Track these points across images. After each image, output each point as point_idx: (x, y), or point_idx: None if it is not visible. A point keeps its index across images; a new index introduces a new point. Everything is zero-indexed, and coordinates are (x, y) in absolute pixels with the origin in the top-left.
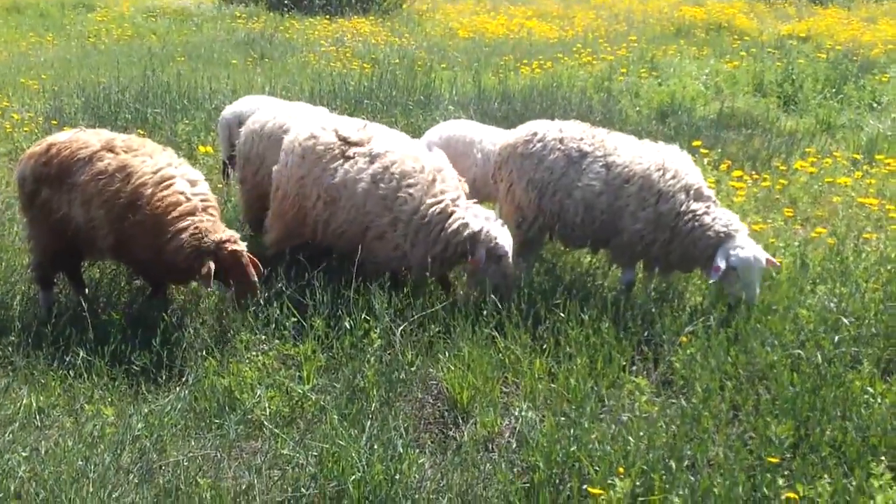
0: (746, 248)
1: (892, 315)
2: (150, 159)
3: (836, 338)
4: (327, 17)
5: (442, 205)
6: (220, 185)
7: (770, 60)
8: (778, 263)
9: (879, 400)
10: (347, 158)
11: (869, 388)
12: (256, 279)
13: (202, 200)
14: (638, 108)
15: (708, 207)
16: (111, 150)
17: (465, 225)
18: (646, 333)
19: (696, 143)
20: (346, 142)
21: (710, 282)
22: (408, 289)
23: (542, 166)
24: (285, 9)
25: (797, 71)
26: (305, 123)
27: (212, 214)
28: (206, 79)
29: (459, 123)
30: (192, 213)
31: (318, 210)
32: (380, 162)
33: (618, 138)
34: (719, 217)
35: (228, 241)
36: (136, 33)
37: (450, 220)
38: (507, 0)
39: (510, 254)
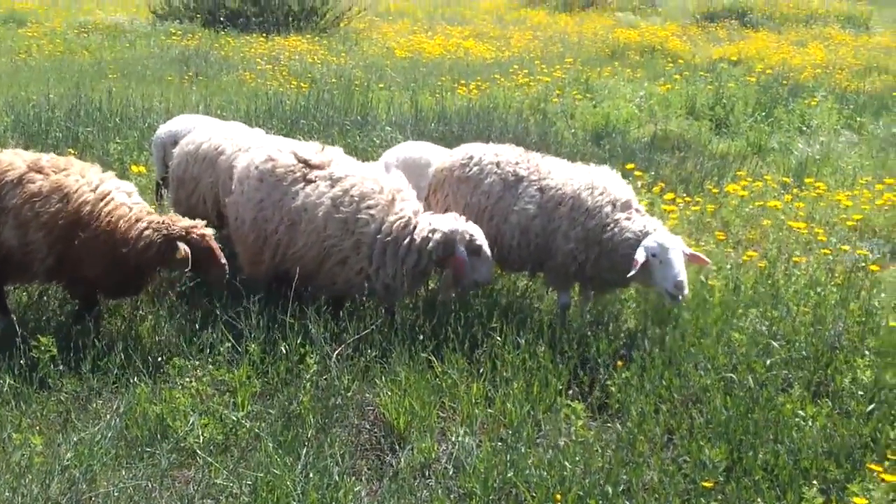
0: (662, 235)
1: (820, 339)
2: (83, 177)
3: (768, 361)
4: (263, 34)
5: (405, 219)
6: (154, 206)
7: (702, 84)
8: (707, 261)
9: (810, 423)
10: (309, 182)
11: (800, 412)
12: (225, 260)
13: (141, 207)
14: (573, 131)
15: (629, 215)
16: (39, 170)
17: (435, 230)
18: (581, 357)
19: (629, 166)
20: (306, 164)
21: (629, 276)
22: (344, 313)
23: (478, 191)
24: (221, 26)
25: (728, 94)
26: (258, 147)
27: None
28: (140, 97)
29: (416, 145)
30: (140, 218)
31: (279, 234)
32: (340, 185)
33: (552, 162)
34: (638, 221)
35: (195, 226)
36: (67, 49)
37: (417, 231)
38: (445, 20)
39: (486, 244)
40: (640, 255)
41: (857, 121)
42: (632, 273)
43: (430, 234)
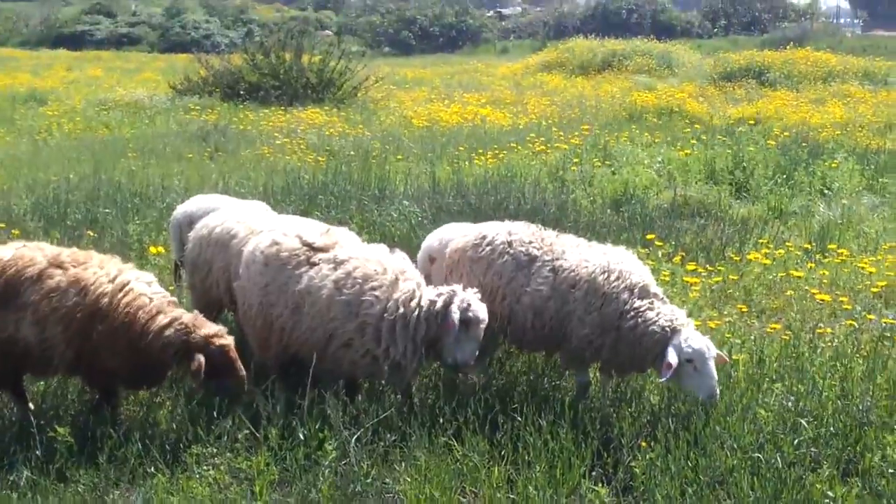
0: (697, 338)
1: (848, 414)
2: (101, 269)
3: (796, 439)
4: (282, 107)
5: (410, 292)
6: (172, 287)
7: (721, 147)
8: (727, 359)
9: (840, 503)
10: (312, 265)
11: (829, 492)
12: (244, 373)
13: (163, 297)
14: (591, 198)
15: (651, 304)
16: (59, 265)
17: (440, 294)
18: (604, 437)
19: (650, 236)
20: (310, 247)
21: (662, 381)
22: (362, 394)
23: (490, 271)
24: (240, 99)
25: (748, 158)
26: (264, 231)
27: (179, 308)
28: (159, 176)
29: (458, 226)
30: (161, 310)
31: (284, 318)
32: (343, 268)
33: (566, 241)
34: (663, 312)
35: (216, 335)
36: (87, 126)
37: (423, 299)
38: (461, 87)
39: (483, 322)
40: (672, 359)
41: (879, 182)
42: (664, 378)
43: (435, 297)
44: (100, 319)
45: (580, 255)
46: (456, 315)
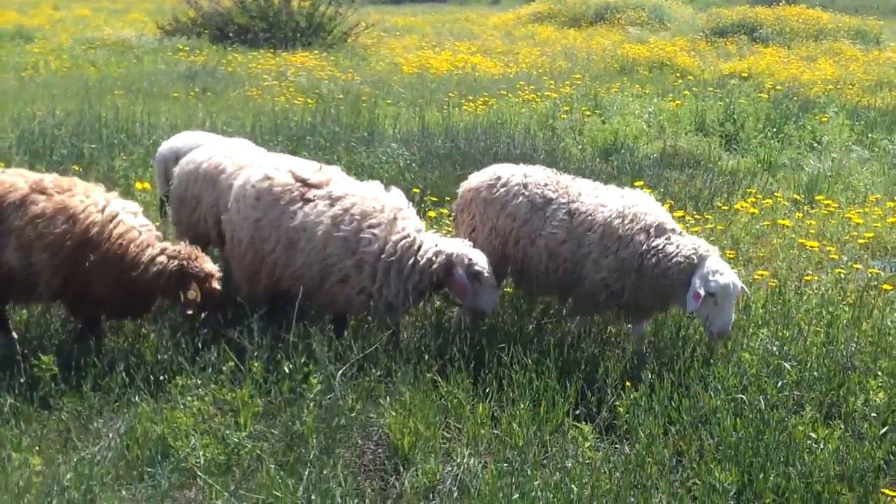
0: (725, 273)
1: (832, 359)
2: (87, 198)
3: (779, 382)
4: (271, 50)
5: (409, 238)
6: (157, 223)
7: (712, 100)
8: (749, 294)
9: (822, 445)
10: (307, 201)
11: (812, 434)
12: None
13: (149, 229)
14: (581, 147)
15: (668, 239)
16: (42, 191)
17: (440, 252)
18: (589, 377)
19: (638, 182)
20: (304, 183)
21: (690, 310)
22: (348, 331)
23: (504, 213)
24: (228, 42)
25: (738, 110)
26: (255, 166)
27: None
28: (146, 113)
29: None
30: (150, 242)
31: (276, 253)
32: (340, 204)
33: (582, 184)
34: (684, 244)
35: (214, 275)
36: (74, 65)
37: (422, 251)
38: (453, 35)
39: (488, 270)
40: (700, 288)
41: (868, 137)
42: (692, 308)
43: (434, 256)
44: (91, 249)
45: (597, 198)
46: (464, 278)
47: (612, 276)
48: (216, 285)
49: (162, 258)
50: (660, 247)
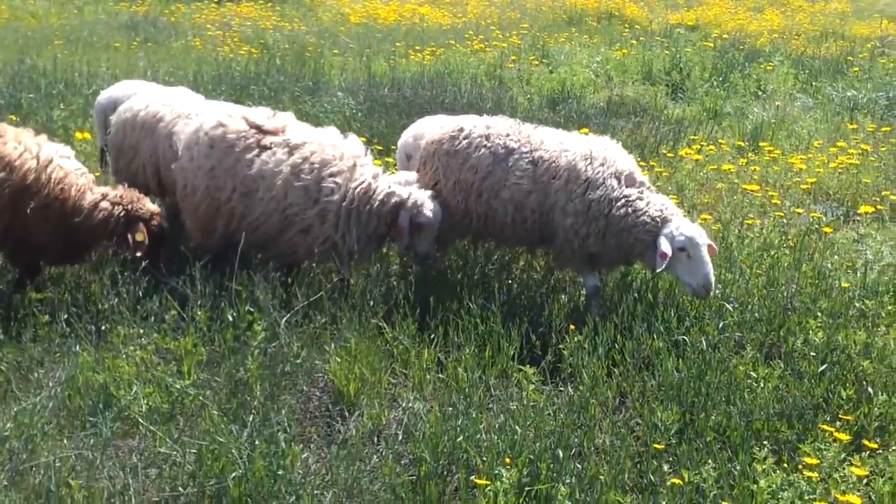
0: (688, 226)
1: (773, 300)
2: (20, 144)
3: (721, 323)
4: (215, 1)
5: (365, 184)
6: (98, 173)
7: (659, 49)
8: (716, 249)
9: (762, 384)
10: (264, 148)
11: (752, 373)
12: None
13: (84, 175)
14: (529, 96)
15: (641, 192)
16: None
17: (391, 194)
18: (533, 321)
19: (584, 130)
20: (259, 130)
21: (658, 272)
22: (293, 278)
23: (467, 165)
24: None
25: (685, 60)
26: (207, 112)
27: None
28: (85, 63)
29: (434, 119)
30: (90, 187)
31: (233, 202)
32: (299, 152)
33: (545, 133)
34: (653, 202)
35: (157, 213)
36: (12, 16)
37: (375, 195)
38: None
39: (436, 221)
40: (666, 248)
41: (812, 85)
42: (660, 268)
43: (386, 199)
44: (30, 196)
45: (560, 143)
46: (405, 220)
47: (580, 220)
48: (160, 221)
49: (105, 204)
50: (631, 198)
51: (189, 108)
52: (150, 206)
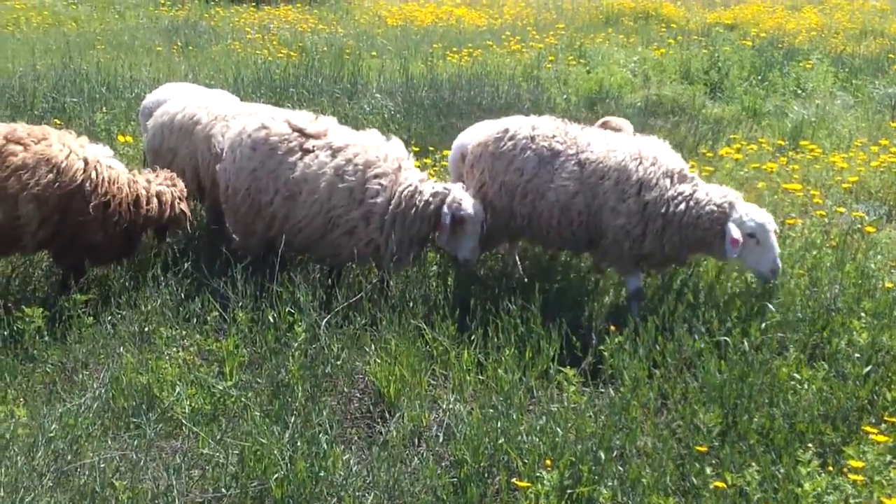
0: (757, 210)
1: (816, 301)
2: (65, 146)
3: (763, 324)
4: (254, 4)
5: (411, 187)
6: None
7: (696, 48)
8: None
9: (806, 386)
10: (307, 151)
11: (795, 375)
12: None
13: (124, 171)
14: (566, 96)
15: (695, 186)
16: (18, 142)
17: (435, 194)
18: (574, 323)
19: None
20: (302, 133)
21: (729, 259)
22: (332, 279)
23: (512, 167)
24: None
25: (723, 58)
26: (251, 114)
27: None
28: (127, 67)
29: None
30: (135, 178)
31: (275, 205)
32: (342, 155)
33: (591, 134)
34: (712, 190)
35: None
36: (55, 21)
37: (418, 197)
38: None
39: (477, 218)
40: (736, 234)
41: (852, 83)
42: (732, 255)
43: (431, 198)
44: (82, 197)
45: (607, 145)
46: (447, 216)
47: (633, 221)
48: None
49: (162, 188)
50: (686, 193)
51: (225, 110)
52: (181, 184)
